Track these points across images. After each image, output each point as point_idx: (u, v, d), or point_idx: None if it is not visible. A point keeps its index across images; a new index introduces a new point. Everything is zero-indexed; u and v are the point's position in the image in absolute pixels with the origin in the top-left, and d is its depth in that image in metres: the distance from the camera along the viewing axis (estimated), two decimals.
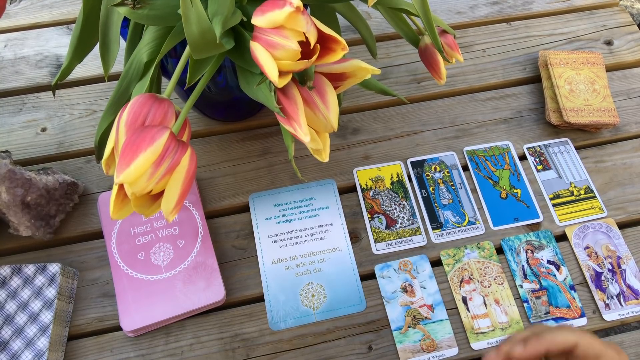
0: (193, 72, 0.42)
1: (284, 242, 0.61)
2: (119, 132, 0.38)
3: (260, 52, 0.36)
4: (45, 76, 0.74)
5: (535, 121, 0.71)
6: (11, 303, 0.55)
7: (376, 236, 0.62)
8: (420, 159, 0.68)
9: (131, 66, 0.44)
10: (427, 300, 0.58)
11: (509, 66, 0.76)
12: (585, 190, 0.66)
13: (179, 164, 0.38)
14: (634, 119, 0.72)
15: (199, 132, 0.69)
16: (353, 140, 0.69)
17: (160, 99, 0.40)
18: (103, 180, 0.65)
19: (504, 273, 0.60)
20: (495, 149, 0.69)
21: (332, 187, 0.65)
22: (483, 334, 0.56)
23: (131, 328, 0.54)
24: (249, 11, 0.40)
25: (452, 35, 0.56)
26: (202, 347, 0.55)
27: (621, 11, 0.82)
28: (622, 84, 0.75)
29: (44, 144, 0.68)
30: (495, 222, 0.63)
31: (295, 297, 0.58)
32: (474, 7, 0.82)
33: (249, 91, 0.43)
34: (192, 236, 0.59)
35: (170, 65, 0.53)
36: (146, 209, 0.39)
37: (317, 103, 0.41)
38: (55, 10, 0.81)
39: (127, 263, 0.58)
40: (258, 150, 0.68)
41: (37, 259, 0.59)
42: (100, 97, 0.72)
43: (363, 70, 0.41)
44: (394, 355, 0.55)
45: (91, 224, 0.62)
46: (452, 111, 0.72)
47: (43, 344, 0.52)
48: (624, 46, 0.78)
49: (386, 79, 0.75)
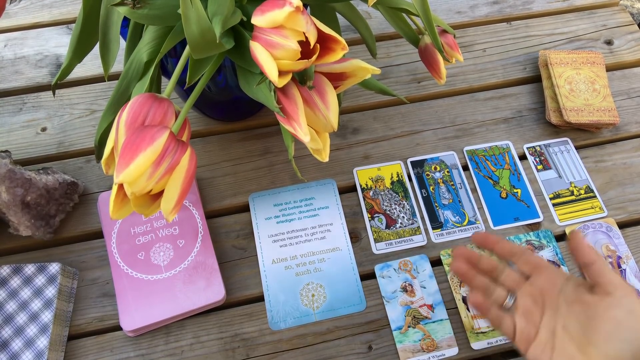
0: (193, 72, 0.42)
1: (284, 241, 0.61)
2: (118, 131, 0.38)
3: (260, 52, 0.36)
4: (45, 76, 0.74)
5: (535, 121, 0.71)
6: (11, 303, 0.55)
7: (376, 236, 0.62)
8: (420, 159, 0.68)
9: (131, 66, 0.44)
10: (427, 300, 0.58)
11: (509, 66, 0.76)
12: (586, 190, 0.66)
13: (179, 164, 0.38)
14: (634, 119, 0.72)
15: (199, 132, 0.69)
16: (353, 140, 0.69)
17: (160, 99, 0.40)
18: (103, 180, 0.65)
19: None
20: (495, 149, 0.69)
21: (332, 186, 0.65)
22: (483, 333, 0.56)
23: (131, 328, 0.54)
24: (249, 11, 0.40)
25: (452, 35, 0.56)
26: (202, 347, 0.55)
27: (621, 11, 0.82)
28: (622, 84, 0.75)
29: (44, 144, 0.68)
30: (496, 222, 0.63)
31: (295, 297, 0.58)
32: (474, 6, 0.82)
33: (249, 91, 0.43)
34: (192, 236, 0.59)
35: (170, 65, 0.53)
36: (146, 209, 0.39)
37: (317, 103, 0.41)
38: (55, 10, 0.81)
39: (127, 263, 0.58)
40: (258, 150, 0.68)
41: (37, 259, 0.59)
42: (100, 97, 0.72)
43: (363, 70, 0.41)
44: (394, 355, 0.55)
45: (91, 224, 0.62)
46: (452, 111, 0.72)
47: (43, 343, 0.52)
48: (624, 46, 0.78)
49: (386, 79, 0.75)
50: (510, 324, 0.45)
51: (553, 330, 0.43)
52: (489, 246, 0.50)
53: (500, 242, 0.50)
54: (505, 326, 0.46)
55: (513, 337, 0.45)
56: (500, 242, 0.50)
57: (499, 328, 0.46)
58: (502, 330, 0.46)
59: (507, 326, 0.46)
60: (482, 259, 0.50)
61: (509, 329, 0.45)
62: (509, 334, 0.45)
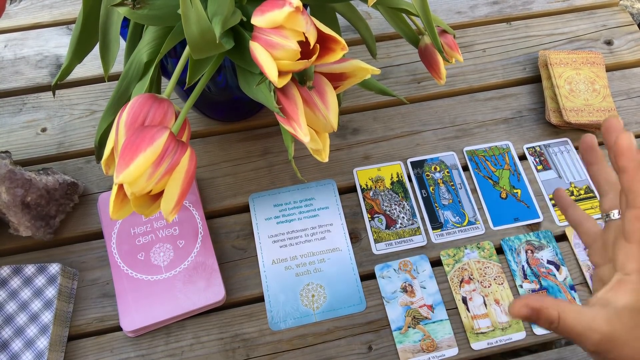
0: (193, 72, 0.42)
1: (284, 242, 0.61)
2: (118, 132, 0.38)
3: (260, 52, 0.36)
4: (45, 76, 0.74)
5: (535, 121, 0.71)
6: (11, 303, 0.55)
7: (376, 236, 0.62)
8: (420, 159, 0.68)
9: (131, 66, 0.44)
10: (427, 300, 0.58)
11: (509, 66, 0.76)
12: (585, 190, 0.66)
13: (179, 164, 0.38)
14: (634, 119, 0.72)
15: (199, 132, 0.69)
16: (353, 140, 0.69)
17: (160, 99, 0.40)
18: (103, 181, 0.65)
19: (504, 273, 0.60)
20: (495, 149, 0.69)
21: (332, 187, 0.65)
22: (483, 334, 0.56)
23: (131, 328, 0.54)
24: (249, 11, 0.40)
25: (452, 35, 0.56)
26: (202, 347, 0.55)
27: (621, 11, 0.82)
28: (622, 84, 0.75)
29: (44, 144, 0.68)
30: (495, 222, 0.63)
31: (295, 297, 0.58)
32: (474, 7, 0.82)
33: (249, 91, 0.43)
34: (192, 236, 0.59)
35: (170, 65, 0.53)
36: (146, 209, 0.39)
37: (317, 103, 0.41)
38: (55, 10, 0.81)
39: (127, 263, 0.58)
40: (258, 151, 0.68)
41: (37, 259, 0.59)
42: (100, 97, 0.72)
43: (363, 70, 0.41)
44: (394, 355, 0.55)
45: (91, 224, 0.62)
46: (452, 111, 0.72)
47: (43, 344, 0.52)
48: (624, 46, 0.78)
49: (386, 79, 0.75)
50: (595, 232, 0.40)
51: (610, 277, 0.35)
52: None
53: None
54: (585, 228, 0.41)
55: (586, 244, 0.40)
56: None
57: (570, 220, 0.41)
58: (581, 227, 0.41)
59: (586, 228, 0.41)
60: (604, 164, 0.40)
61: (589, 228, 0.40)
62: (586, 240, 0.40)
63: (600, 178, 0.40)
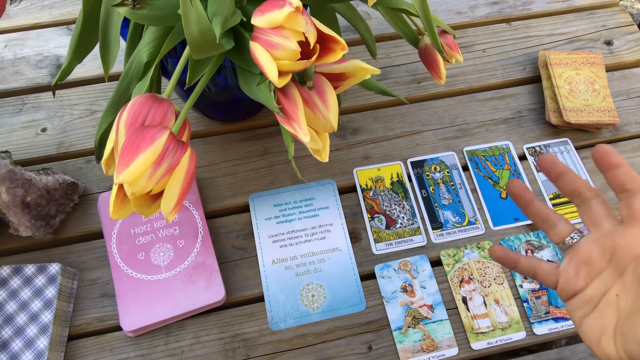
0: (193, 72, 0.42)
1: (284, 242, 0.61)
2: (118, 132, 0.38)
3: (260, 52, 0.36)
4: (45, 76, 0.74)
5: (535, 121, 0.71)
6: (11, 303, 0.55)
7: (376, 236, 0.62)
8: (420, 159, 0.68)
9: (131, 66, 0.44)
10: (427, 300, 0.58)
11: (508, 66, 0.76)
12: None
13: (179, 164, 0.38)
14: (634, 119, 0.72)
15: (199, 132, 0.69)
16: (353, 140, 0.69)
17: (160, 99, 0.40)
18: (103, 181, 0.65)
19: (504, 273, 0.60)
20: (495, 149, 0.69)
21: (332, 187, 0.65)
22: (483, 334, 0.56)
23: (131, 328, 0.54)
24: (249, 11, 0.41)
25: (452, 35, 0.56)
26: (202, 347, 0.55)
27: (621, 11, 0.82)
28: (622, 84, 0.75)
29: (44, 144, 0.68)
30: (495, 222, 0.63)
31: (295, 297, 0.58)
32: (473, 7, 0.83)
33: (249, 91, 0.43)
34: (192, 236, 0.59)
35: (170, 65, 0.53)
36: (146, 209, 0.39)
37: (317, 103, 0.41)
38: (55, 10, 0.81)
39: (127, 263, 0.58)
40: (258, 151, 0.68)
41: (37, 259, 0.59)
42: (100, 97, 0.72)
43: (363, 70, 0.41)
44: (394, 355, 0.55)
45: (91, 224, 0.62)
46: (452, 111, 0.72)
47: (43, 344, 0.52)
48: (624, 46, 0.78)
49: (386, 79, 0.75)
50: (550, 268, 0.40)
51: (605, 292, 0.36)
52: (605, 165, 0.37)
53: (625, 166, 0.36)
54: (544, 266, 0.41)
55: (553, 283, 0.40)
56: (625, 167, 0.36)
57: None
58: (540, 269, 0.41)
59: (545, 266, 0.41)
60: (569, 173, 0.39)
61: (548, 267, 0.41)
62: (545, 272, 0.40)
63: (542, 213, 0.41)
